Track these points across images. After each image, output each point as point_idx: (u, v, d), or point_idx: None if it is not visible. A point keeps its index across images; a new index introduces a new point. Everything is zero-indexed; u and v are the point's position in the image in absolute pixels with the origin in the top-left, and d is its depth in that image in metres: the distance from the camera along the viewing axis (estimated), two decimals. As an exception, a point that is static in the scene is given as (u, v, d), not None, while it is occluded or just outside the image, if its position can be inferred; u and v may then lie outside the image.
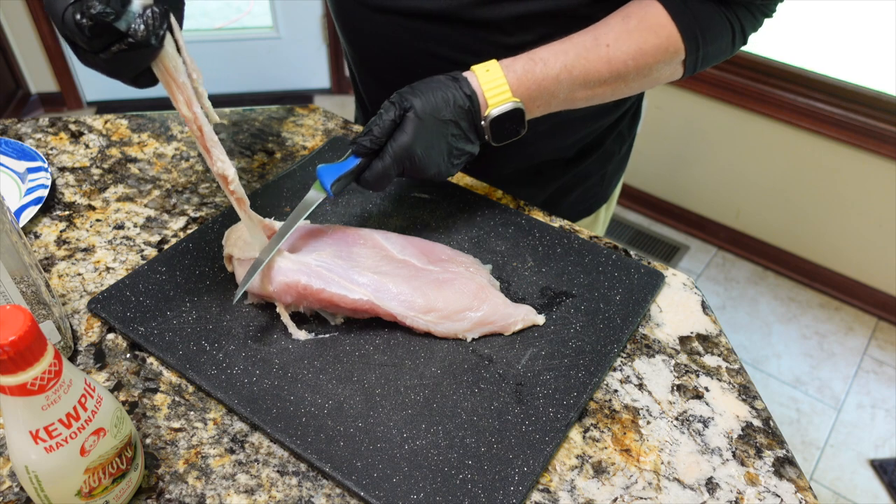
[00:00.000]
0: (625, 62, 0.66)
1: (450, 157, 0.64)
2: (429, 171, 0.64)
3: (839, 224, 2.03)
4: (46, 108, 2.80)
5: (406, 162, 0.62)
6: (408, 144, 0.61)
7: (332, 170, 0.62)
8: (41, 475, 0.43)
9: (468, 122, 0.64)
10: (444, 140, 0.63)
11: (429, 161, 0.63)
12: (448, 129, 0.63)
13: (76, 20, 0.44)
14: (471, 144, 0.65)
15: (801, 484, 0.54)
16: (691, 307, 0.68)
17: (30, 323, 0.39)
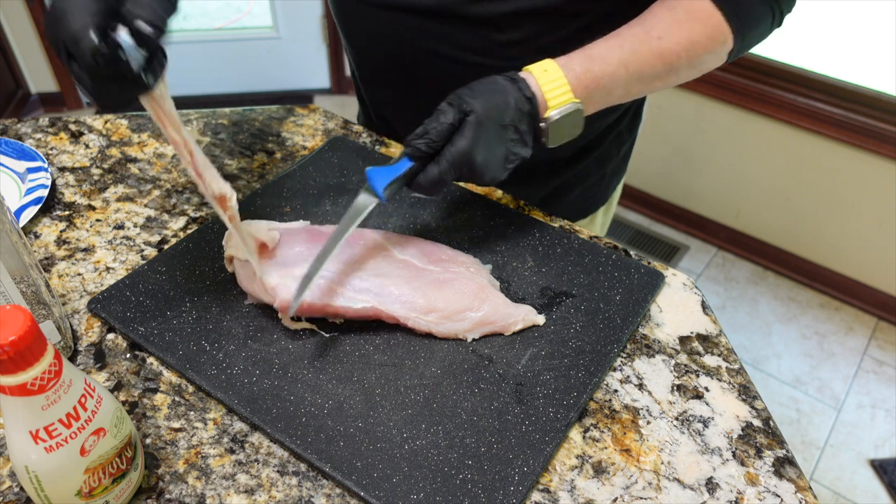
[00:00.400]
0: (677, 54, 0.65)
1: (505, 162, 0.61)
2: (485, 178, 0.60)
3: (839, 224, 2.03)
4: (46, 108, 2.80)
5: (464, 168, 0.58)
6: (467, 150, 0.57)
7: (383, 173, 0.59)
8: (41, 475, 0.43)
9: (528, 125, 0.61)
10: (503, 145, 0.60)
11: (486, 167, 0.59)
12: (507, 134, 0.60)
13: (95, 56, 0.44)
14: (526, 148, 0.62)
15: (801, 484, 0.54)
16: (691, 307, 0.68)
17: (30, 323, 0.39)
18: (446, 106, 0.58)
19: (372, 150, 0.84)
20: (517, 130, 0.60)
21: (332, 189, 0.78)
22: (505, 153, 0.60)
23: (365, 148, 0.84)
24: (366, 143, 0.87)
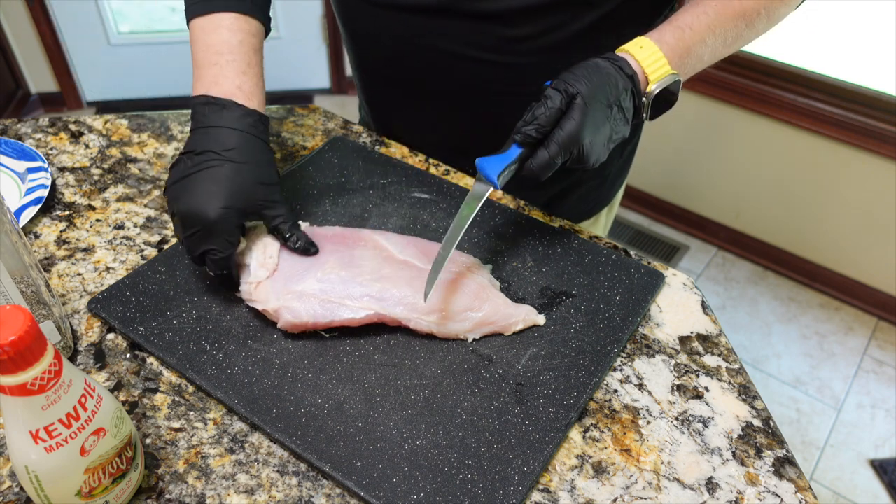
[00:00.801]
0: (757, 11, 0.66)
1: (608, 142, 0.62)
2: (590, 160, 0.61)
3: (839, 224, 2.03)
4: (46, 108, 2.80)
5: (574, 150, 0.59)
6: (576, 132, 0.58)
7: (494, 162, 0.59)
8: (41, 475, 0.43)
9: (631, 102, 0.62)
10: (609, 125, 0.61)
11: (592, 149, 0.60)
12: (612, 114, 0.61)
13: (209, 265, 0.61)
14: (627, 126, 0.63)
15: (801, 484, 0.54)
16: (691, 307, 0.68)
17: (30, 323, 0.39)
18: (553, 91, 0.58)
19: (372, 149, 0.84)
20: (621, 108, 0.61)
21: (332, 189, 0.78)
22: (609, 133, 0.61)
23: (365, 148, 0.84)
24: (366, 143, 0.87)
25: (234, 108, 0.61)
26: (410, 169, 0.81)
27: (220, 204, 0.58)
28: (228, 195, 0.59)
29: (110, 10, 2.67)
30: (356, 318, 0.60)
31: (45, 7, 2.54)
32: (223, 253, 0.59)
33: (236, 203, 0.59)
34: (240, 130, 0.61)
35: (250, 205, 0.61)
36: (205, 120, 0.61)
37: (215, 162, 0.59)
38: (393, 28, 0.76)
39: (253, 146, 0.61)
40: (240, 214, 0.60)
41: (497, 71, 0.75)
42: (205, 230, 0.58)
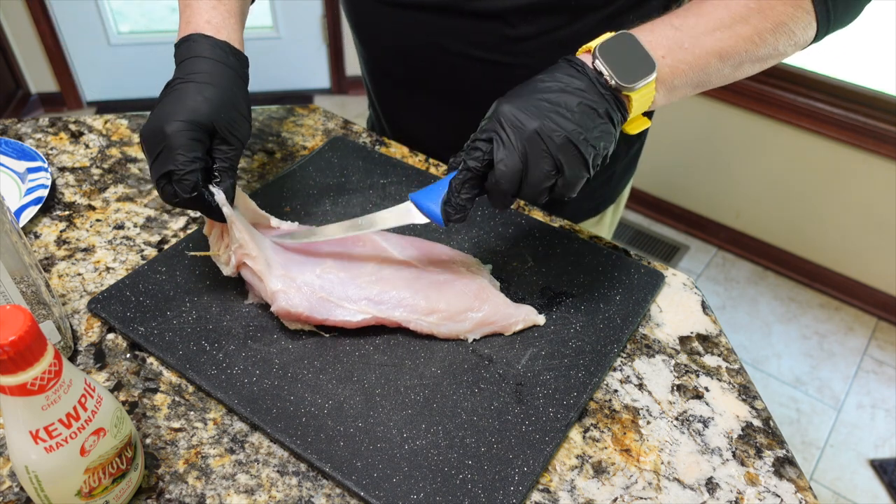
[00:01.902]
0: (748, 7, 0.57)
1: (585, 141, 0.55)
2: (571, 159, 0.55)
3: (839, 224, 2.03)
4: (46, 108, 2.80)
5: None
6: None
7: (430, 194, 0.57)
8: (41, 475, 0.43)
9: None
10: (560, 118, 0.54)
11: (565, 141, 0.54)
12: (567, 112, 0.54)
13: (168, 192, 0.57)
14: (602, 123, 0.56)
15: (801, 484, 0.54)
16: (691, 307, 0.68)
17: (30, 323, 0.39)
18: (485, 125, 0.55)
19: (372, 149, 0.84)
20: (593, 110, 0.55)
21: (332, 189, 0.78)
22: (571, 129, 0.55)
23: (365, 148, 0.84)
24: (366, 143, 0.87)
25: (201, 40, 0.61)
26: (410, 169, 0.81)
27: (176, 118, 0.56)
28: (186, 110, 0.57)
29: (110, 10, 2.67)
30: (352, 321, 0.60)
31: (45, 7, 2.54)
32: (184, 168, 0.56)
33: (194, 117, 0.57)
34: (205, 58, 0.60)
35: (210, 120, 0.57)
36: (177, 56, 0.61)
37: (179, 84, 0.59)
38: (398, 26, 0.77)
39: (220, 71, 0.60)
40: (197, 128, 0.57)
41: (500, 70, 0.75)
42: (165, 148, 0.56)
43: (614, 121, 0.53)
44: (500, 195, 0.53)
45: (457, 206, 0.54)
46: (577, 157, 0.51)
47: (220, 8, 0.64)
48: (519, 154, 0.51)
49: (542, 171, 0.51)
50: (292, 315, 0.59)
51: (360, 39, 0.84)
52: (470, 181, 0.54)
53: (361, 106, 2.88)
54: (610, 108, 0.53)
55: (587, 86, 0.52)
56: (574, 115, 0.51)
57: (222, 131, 0.58)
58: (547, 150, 0.51)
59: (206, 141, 0.58)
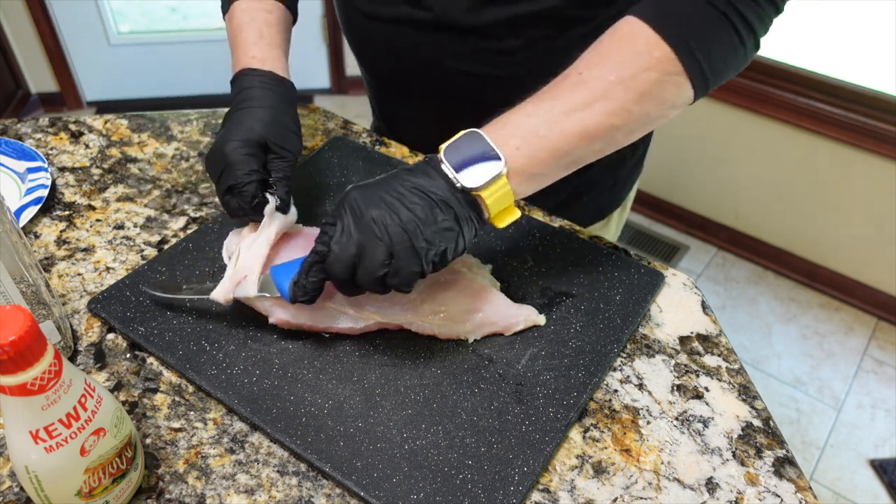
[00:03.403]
0: (608, 81, 0.55)
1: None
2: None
3: (839, 224, 2.03)
4: (46, 108, 2.80)
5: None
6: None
7: (287, 270, 0.58)
8: (41, 475, 0.43)
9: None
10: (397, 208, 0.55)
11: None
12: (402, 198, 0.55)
13: (233, 205, 0.62)
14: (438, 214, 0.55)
15: (801, 484, 0.54)
16: (691, 307, 0.68)
17: (30, 323, 0.39)
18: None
19: (372, 149, 0.84)
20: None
21: (332, 189, 0.78)
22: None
23: (365, 148, 0.84)
24: (366, 143, 0.87)
25: (249, 73, 0.67)
26: (410, 169, 0.81)
27: (232, 139, 0.62)
28: (240, 131, 0.62)
29: (110, 10, 2.67)
30: (356, 328, 0.60)
31: (45, 7, 2.54)
32: (242, 181, 0.61)
33: (248, 136, 0.62)
34: (254, 87, 0.66)
35: (262, 137, 0.63)
36: (232, 92, 0.68)
37: (233, 113, 0.65)
38: (387, 39, 0.77)
39: (267, 96, 0.65)
40: (251, 145, 0.62)
41: (489, 82, 0.75)
42: (226, 167, 0.61)
43: (460, 219, 0.53)
44: (335, 280, 0.53)
45: (303, 287, 0.55)
46: (410, 249, 0.51)
47: (261, 43, 0.70)
48: (354, 239, 0.51)
49: (375, 260, 0.51)
50: (292, 325, 0.60)
51: (355, 50, 0.84)
52: (317, 264, 0.54)
53: (361, 106, 2.88)
54: (458, 207, 0.52)
55: (437, 183, 0.53)
56: (415, 209, 0.51)
57: (274, 146, 0.63)
58: (380, 238, 0.51)
59: (262, 156, 0.63)
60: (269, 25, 0.72)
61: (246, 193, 0.61)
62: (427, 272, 0.53)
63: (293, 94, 0.69)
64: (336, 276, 0.53)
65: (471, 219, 0.54)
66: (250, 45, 0.70)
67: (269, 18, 0.72)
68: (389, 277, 0.52)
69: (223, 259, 0.67)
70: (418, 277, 0.53)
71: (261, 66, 0.68)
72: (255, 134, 0.63)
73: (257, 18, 0.72)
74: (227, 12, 0.74)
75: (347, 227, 0.52)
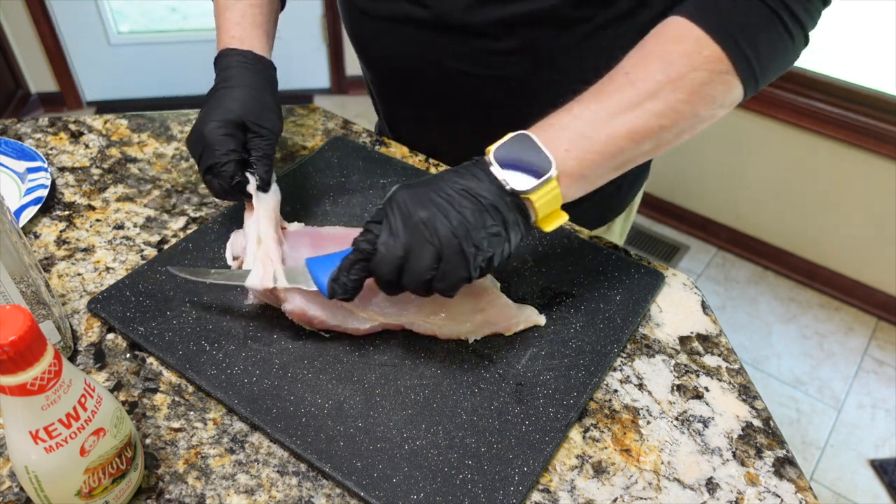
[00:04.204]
0: (656, 81, 0.54)
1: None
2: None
3: (839, 224, 2.03)
4: (46, 108, 2.80)
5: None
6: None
7: (325, 263, 0.57)
8: (41, 475, 0.43)
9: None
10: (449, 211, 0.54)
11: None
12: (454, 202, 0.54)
13: (215, 185, 0.64)
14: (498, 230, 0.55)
15: (801, 484, 0.54)
16: (691, 307, 0.68)
17: (30, 323, 0.38)
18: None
19: (372, 149, 0.84)
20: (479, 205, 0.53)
21: (332, 189, 0.78)
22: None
23: (365, 148, 0.84)
24: (366, 143, 0.87)
25: (229, 53, 0.69)
26: (410, 169, 0.81)
27: (210, 119, 0.63)
28: (218, 111, 0.64)
29: (110, 10, 2.67)
30: (361, 329, 0.60)
31: (45, 7, 2.54)
32: (221, 161, 0.62)
33: (225, 116, 0.63)
34: (232, 67, 0.67)
35: (240, 116, 0.64)
36: (215, 70, 0.69)
37: (213, 93, 0.66)
38: (389, 39, 0.77)
39: (245, 75, 0.67)
40: (229, 125, 0.63)
41: (489, 83, 0.75)
42: (205, 147, 0.63)
43: (508, 224, 0.52)
44: (380, 280, 0.53)
45: (343, 285, 0.53)
46: (460, 254, 0.50)
47: (243, 23, 0.71)
48: (402, 241, 0.50)
49: (423, 263, 0.50)
50: (306, 318, 0.59)
51: (356, 48, 0.84)
52: (360, 262, 0.53)
53: (361, 106, 2.88)
54: (507, 211, 0.51)
55: (486, 186, 0.51)
56: (465, 212, 0.50)
57: (252, 125, 0.65)
58: (429, 241, 0.50)
59: (240, 135, 0.64)
60: (253, 6, 0.73)
61: (225, 173, 0.62)
62: (474, 278, 0.52)
63: (272, 72, 0.71)
64: (382, 277, 0.52)
65: (518, 224, 0.53)
66: (232, 25, 0.71)
67: (253, 0, 0.73)
68: (436, 281, 0.51)
69: (226, 259, 0.67)
70: (465, 283, 0.52)
71: (240, 45, 0.69)
72: (233, 114, 0.64)
73: (241, 0, 0.73)
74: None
75: (395, 227, 0.51)
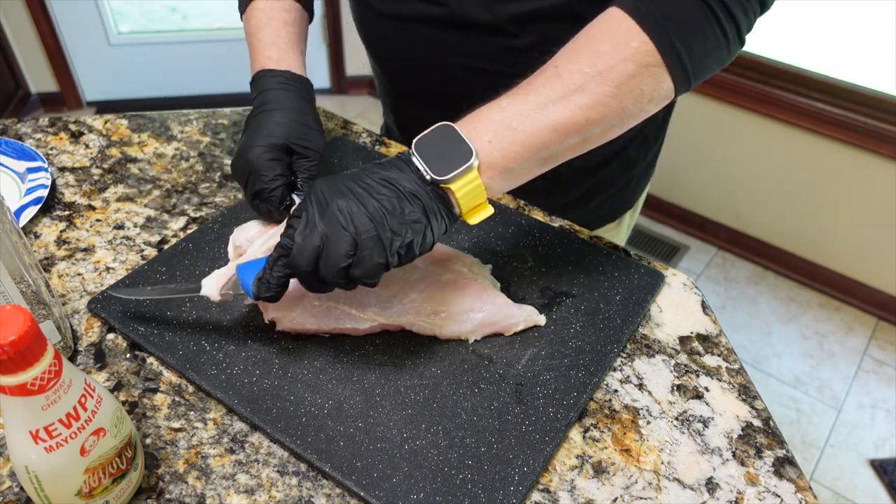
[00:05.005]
0: (584, 73, 0.53)
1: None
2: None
3: (839, 224, 2.03)
4: (46, 108, 2.80)
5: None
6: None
7: (251, 268, 0.56)
8: (41, 475, 0.43)
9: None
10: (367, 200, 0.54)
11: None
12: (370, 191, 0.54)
13: (263, 210, 0.64)
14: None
15: (801, 484, 0.54)
16: (691, 307, 0.68)
17: (30, 323, 0.39)
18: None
19: (372, 150, 0.84)
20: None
21: (332, 189, 0.77)
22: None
23: (365, 148, 0.84)
24: (366, 143, 0.87)
25: (266, 75, 0.68)
26: (410, 169, 0.81)
27: (254, 145, 0.63)
28: (262, 136, 0.63)
29: (110, 10, 2.67)
30: (360, 329, 0.60)
31: (45, 7, 2.54)
32: (269, 186, 0.62)
33: (269, 141, 0.63)
34: (271, 89, 0.67)
35: (284, 140, 0.64)
36: (252, 93, 0.69)
37: (253, 117, 0.66)
38: (402, 38, 0.77)
39: (284, 97, 0.66)
40: (274, 149, 0.63)
41: (504, 81, 0.75)
42: (251, 174, 0.62)
43: (429, 213, 0.52)
44: (298, 273, 0.52)
45: (266, 283, 0.53)
46: (376, 239, 0.50)
47: (278, 42, 0.71)
48: (319, 230, 0.50)
49: (339, 250, 0.50)
50: (300, 331, 0.60)
51: (369, 50, 0.84)
52: (282, 258, 0.52)
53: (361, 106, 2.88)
54: (427, 199, 0.51)
55: (406, 176, 0.52)
56: (382, 200, 0.50)
57: (297, 147, 0.64)
58: (345, 227, 0.50)
59: (285, 159, 0.64)
60: (287, 25, 0.72)
61: (274, 198, 0.62)
62: (392, 264, 0.51)
63: (310, 91, 0.70)
64: (299, 269, 0.51)
65: (440, 213, 0.52)
66: (267, 45, 0.70)
67: (287, 18, 0.73)
68: (353, 268, 0.51)
69: (228, 255, 0.67)
70: (383, 269, 0.51)
71: (276, 66, 0.68)
72: (277, 138, 0.63)
73: (275, 18, 0.72)
74: (244, 12, 0.75)
75: (312, 218, 0.51)
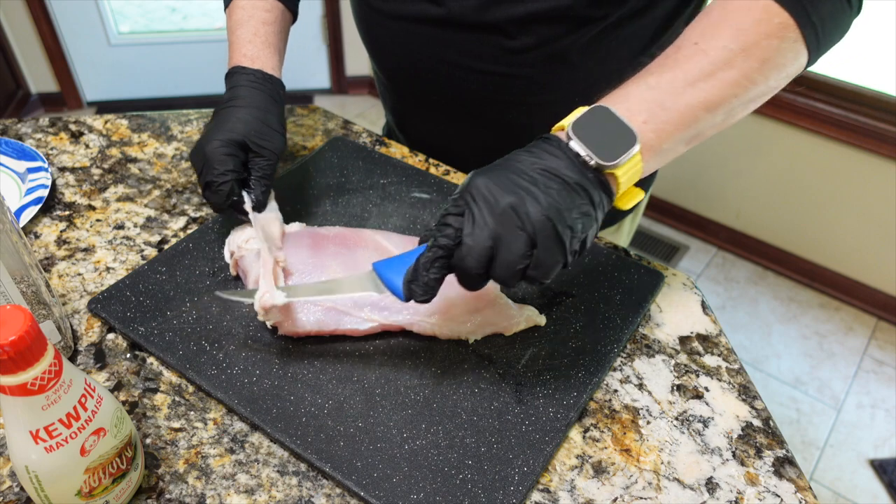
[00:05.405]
0: (729, 49, 0.52)
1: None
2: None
3: (839, 224, 2.03)
4: (46, 108, 2.80)
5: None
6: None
7: (394, 265, 0.54)
8: (41, 475, 0.43)
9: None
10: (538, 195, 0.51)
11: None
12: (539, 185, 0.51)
13: (212, 200, 0.65)
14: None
15: (801, 484, 0.54)
16: (691, 307, 0.68)
17: (30, 323, 0.39)
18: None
19: (372, 149, 0.84)
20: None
21: (332, 189, 0.78)
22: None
23: (365, 148, 0.84)
24: (366, 143, 0.87)
25: (239, 71, 0.69)
26: (410, 169, 0.81)
27: (213, 137, 0.64)
28: (221, 130, 0.65)
29: (110, 10, 2.67)
30: (360, 330, 0.60)
31: (45, 7, 2.54)
32: (218, 180, 0.63)
33: (228, 136, 0.64)
34: (241, 86, 0.68)
35: (242, 136, 0.65)
36: (226, 87, 0.70)
37: (219, 110, 0.67)
38: (403, 38, 0.77)
39: (252, 95, 0.68)
40: (230, 145, 0.64)
41: (502, 82, 0.75)
42: (205, 164, 0.64)
43: (594, 202, 0.49)
44: (466, 275, 0.49)
45: (423, 285, 0.49)
46: (554, 238, 0.47)
47: (255, 41, 0.72)
48: (489, 231, 0.47)
49: (515, 252, 0.47)
50: (301, 334, 0.60)
51: (370, 50, 0.85)
52: (440, 259, 0.49)
53: (361, 106, 2.88)
54: (591, 188, 0.49)
55: (567, 164, 0.49)
56: (552, 193, 0.47)
57: (254, 145, 0.66)
58: (521, 227, 0.46)
59: (241, 155, 0.65)
60: (266, 24, 0.73)
61: (221, 192, 0.63)
62: (570, 263, 0.49)
63: (280, 92, 0.71)
64: (470, 271, 0.48)
65: (602, 203, 0.50)
66: (244, 42, 0.72)
67: (267, 17, 0.74)
68: (531, 270, 0.48)
69: (224, 257, 0.67)
70: (560, 268, 0.49)
71: (250, 64, 0.70)
72: (237, 134, 0.65)
73: (254, 17, 0.73)
74: (227, 8, 0.76)
75: (481, 217, 0.47)
